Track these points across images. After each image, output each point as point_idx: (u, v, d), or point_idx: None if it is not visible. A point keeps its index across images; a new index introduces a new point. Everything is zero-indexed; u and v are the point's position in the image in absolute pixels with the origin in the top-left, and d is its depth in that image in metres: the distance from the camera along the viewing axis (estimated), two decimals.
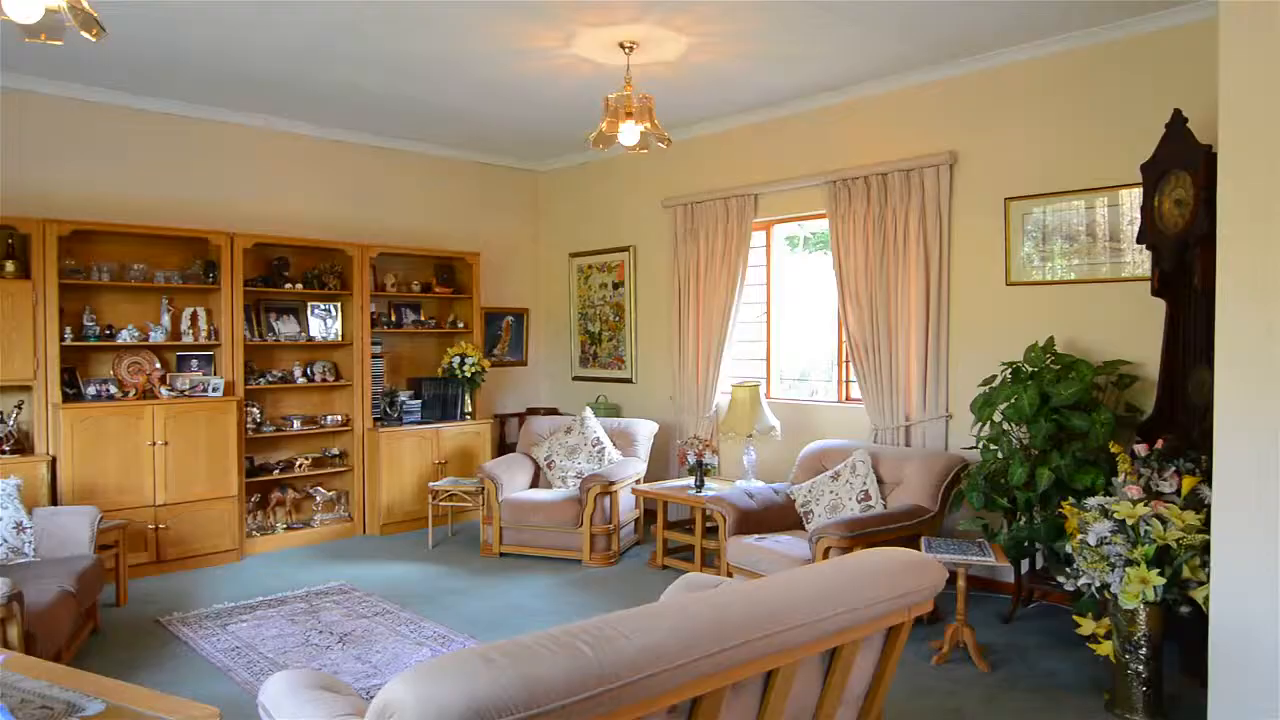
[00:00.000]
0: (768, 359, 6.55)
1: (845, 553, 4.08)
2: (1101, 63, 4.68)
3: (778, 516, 5.09)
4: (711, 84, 5.63)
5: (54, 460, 5.19)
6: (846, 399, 6.06)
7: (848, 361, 5.96)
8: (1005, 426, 4.48)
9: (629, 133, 4.65)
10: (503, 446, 7.74)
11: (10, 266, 5.19)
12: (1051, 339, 4.58)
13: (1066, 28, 4.64)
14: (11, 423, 5.23)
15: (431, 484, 6.39)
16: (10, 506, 4.26)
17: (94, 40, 2.79)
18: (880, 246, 5.49)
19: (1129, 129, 4.53)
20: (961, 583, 4.04)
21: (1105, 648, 3.54)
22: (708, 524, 5.59)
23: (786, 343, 6.54)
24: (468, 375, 6.94)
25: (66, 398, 5.37)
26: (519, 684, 1.48)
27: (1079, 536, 3.54)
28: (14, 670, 2.54)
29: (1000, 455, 4.45)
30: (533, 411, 7.95)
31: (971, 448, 4.79)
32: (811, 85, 5.67)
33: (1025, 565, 4.73)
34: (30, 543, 4.25)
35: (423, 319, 7.29)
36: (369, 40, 4.83)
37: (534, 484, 6.38)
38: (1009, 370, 4.58)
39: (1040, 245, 4.93)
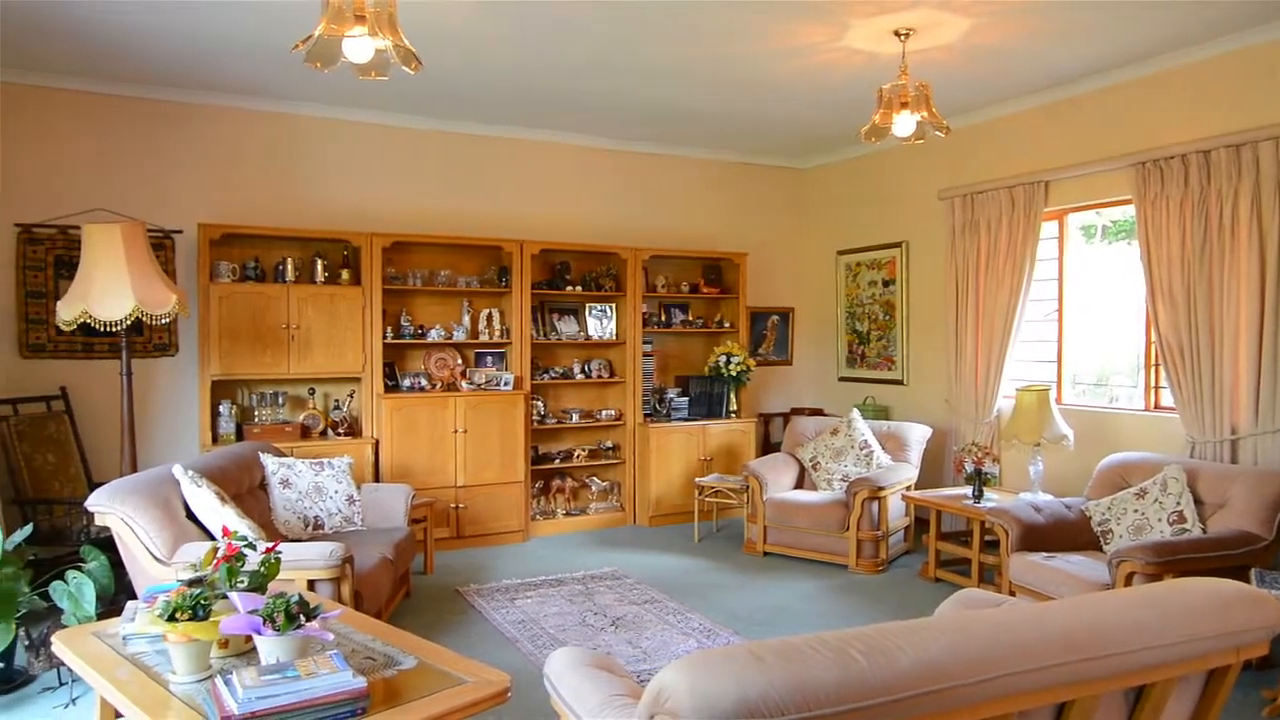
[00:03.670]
0: (1058, 361, 5.98)
1: (1152, 580, 3.65)
2: None
3: (1068, 534, 4.64)
4: (994, 65, 5.25)
5: (377, 443, 5.95)
6: (1155, 407, 5.39)
7: (1158, 365, 5.30)
8: None
9: (904, 123, 4.47)
10: (767, 446, 7.75)
11: (345, 275, 6.03)
12: None
13: None
14: (345, 409, 6.08)
15: (697, 480, 6.55)
16: (344, 482, 4.94)
17: (412, 73, 3.16)
18: (1201, 234, 4.82)
19: None
20: None
21: None
22: (986, 537, 5.22)
23: (1081, 344, 5.93)
24: (733, 374, 7.03)
25: (387, 389, 6.13)
26: (790, 686, 1.46)
27: None
28: (346, 623, 2.94)
29: None
30: (797, 412, 7.88)
31: None
32: (1111, 58, 5.10)
33: None
34: (359, 514, 4.90)
35: (690, 319, 7.49)
36: (645, 52, 5.03)
37: (798, 485, 6.32)
38: None
39: None
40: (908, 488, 5.91)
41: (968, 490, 5.45)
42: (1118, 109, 5.39)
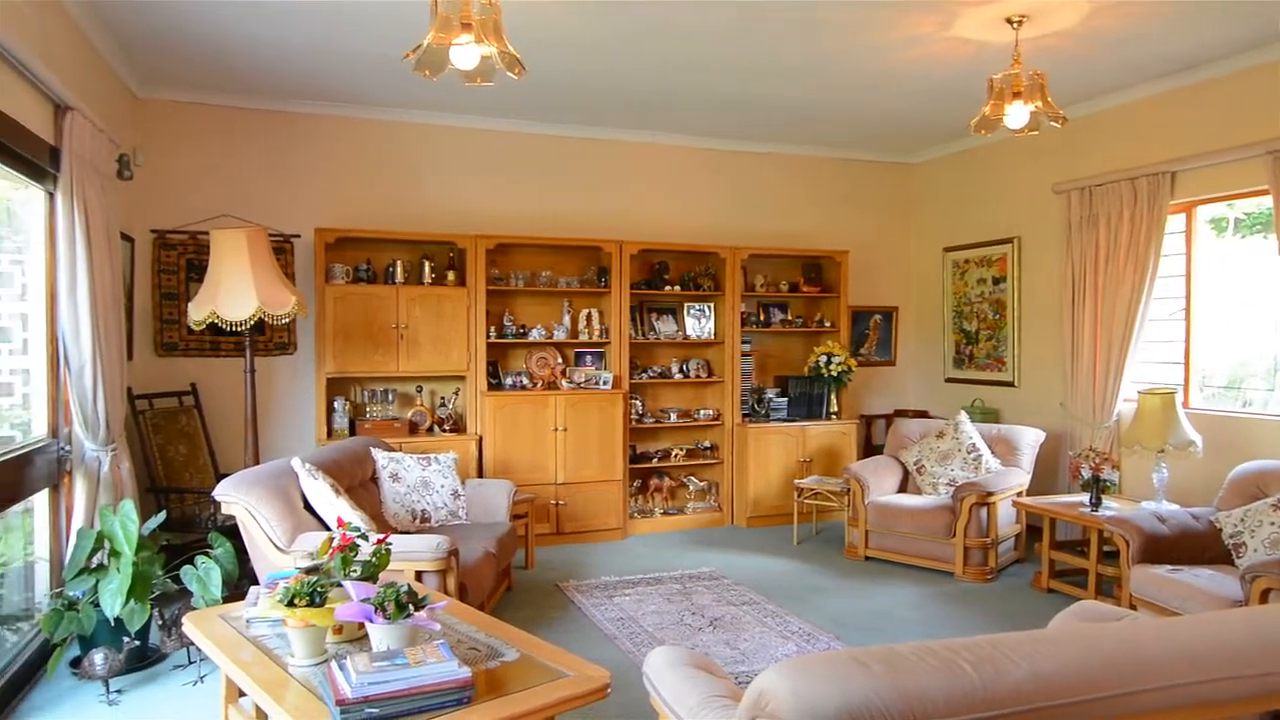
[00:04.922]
0: (1186, 363, 5.64)
1: None
2: None
3: (1195, 546, 4.36)
4: (1116, 50, 4.98)
5: (480, 439, 6.11)
6: None
7: None
8: None
9: (1017, 114, 4.29)
10: (869, 448, 7.58)
11: (451, 277, 6.21)
12: None
13: None
14: (450, 406, 6.26)
15: (796, 481, 6.46)
16: (449, 477, 5.08)
17: (516, 78, 3.22)
18: None
19: None
20: None
21: None
22: (1105, 547, 4.96)
23: (1211, 344, 5.57)
24: (834, 374, 6.91)
25: (490, 387, 6.28)
26: (894, 694, 1.43)
27: None
28: (452, 614, 3.03)
29: None
30: (901, 413, 7.68)
31: None
32: (1244, 39, 4.78)
33: None
34: (463, 508, 5.04)
35: (790, 318, 7.39)
36: (748, 50, 5.00)
37: (902, 488, 6.15)
38: None
39: None
40: (1019, 494, 5.67)
41: (1084, 498, 5.20)
42: (1252, 93, 5.04)
